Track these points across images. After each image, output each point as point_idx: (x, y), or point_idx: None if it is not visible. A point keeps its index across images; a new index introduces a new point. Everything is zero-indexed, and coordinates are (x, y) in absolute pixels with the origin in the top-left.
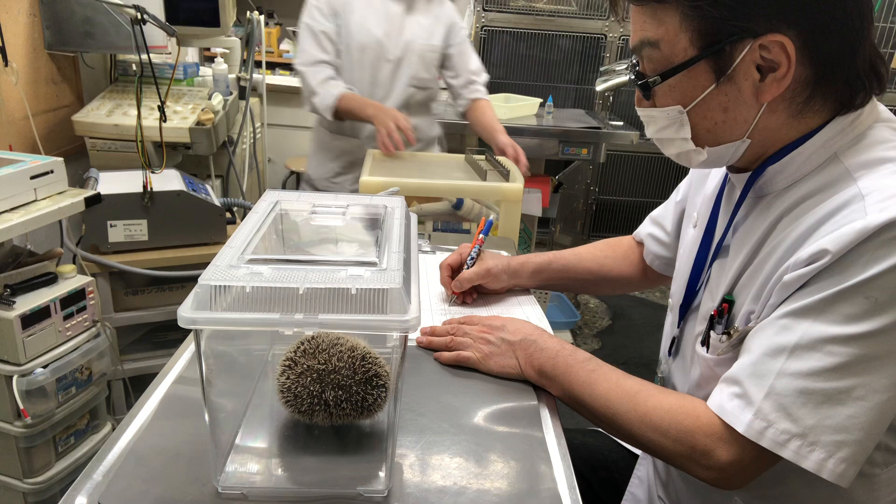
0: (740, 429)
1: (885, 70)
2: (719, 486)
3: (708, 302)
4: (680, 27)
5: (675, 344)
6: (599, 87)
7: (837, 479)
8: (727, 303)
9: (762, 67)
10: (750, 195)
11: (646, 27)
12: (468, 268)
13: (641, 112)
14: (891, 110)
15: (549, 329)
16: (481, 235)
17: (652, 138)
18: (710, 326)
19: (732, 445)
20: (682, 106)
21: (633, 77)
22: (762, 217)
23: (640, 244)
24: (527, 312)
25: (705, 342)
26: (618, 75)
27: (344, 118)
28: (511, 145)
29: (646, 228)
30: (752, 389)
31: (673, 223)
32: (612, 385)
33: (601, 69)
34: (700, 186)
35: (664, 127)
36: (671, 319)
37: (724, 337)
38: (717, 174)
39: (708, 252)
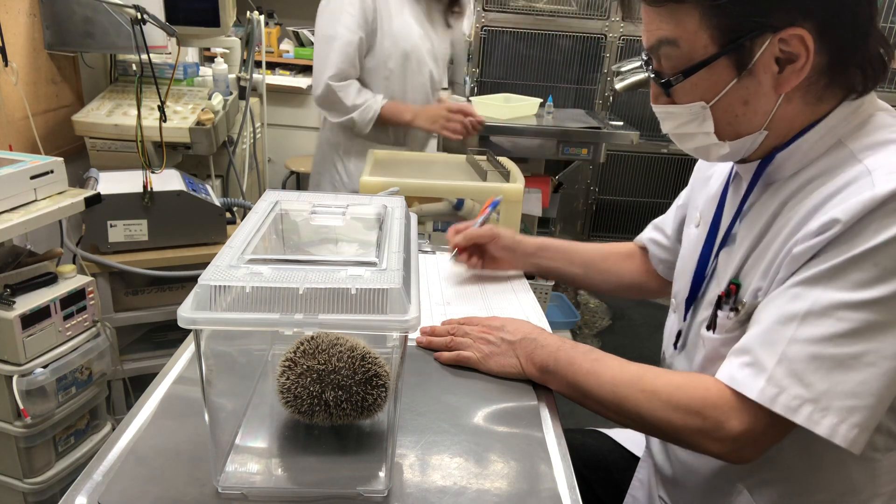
0: (752, 395)
1: (888, 54)
2: (731, 460)
3: (714, 290)
4: (700, 25)
5: (682, 337)
6: (618, 86)
7: (850, 444)
8: (734, 285)
9: (780, 59)
10: (759, 184)
11: (663, 27)
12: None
13: (659, 109)
14: None
15: (548, 328)
16: (489, 208)
17: (669, 133)
18: (717, 308)
19: (744, 415)
20: (704, 101)
21: (653, 76)
22: (769, 202)
23: (643, 249)
24: (526, 312)
25: (711, 326)
26: (633, 74)
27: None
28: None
29: (647, 234)
30: (764, 357)
31: (674, 227)
32: (616, 371)
33: (613, 68)
34: (701, 189)
35: (685, 122)
36: (674, 318)
37: (732, 314)
38: (721, 175)
39: (713, 244)
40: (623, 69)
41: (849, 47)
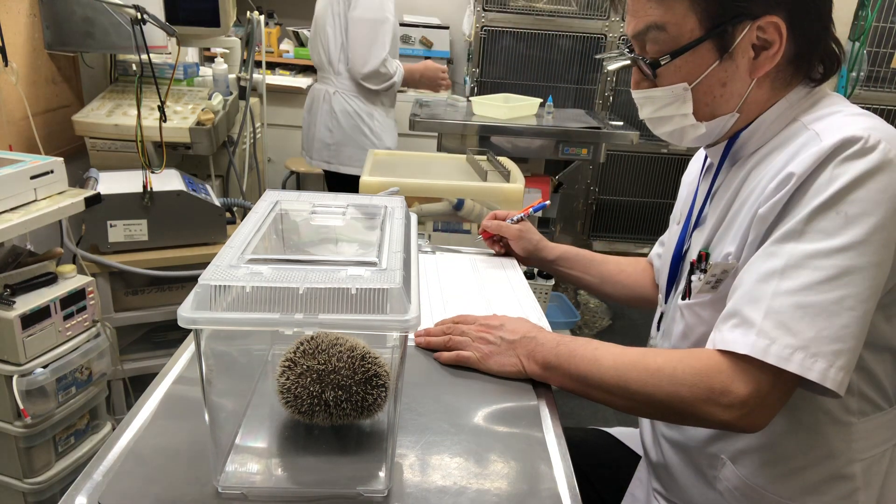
0: (745, 350)
1: (841, 51)
2: (743, 426)
3: (688, 267)
4: (688, 10)
5: (663, 318)
6: (611, 67)
7: (838, 386)
8: (704, 253)
9: (756, 46)
10: (725, 164)
11: (651, 12)
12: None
13: (639, 94)
14: (890, 110)
15: (548, 328)
16: (531, 209)
17: (647, 118)
18: (690, 274)
19: (747, 376)
20: (687, 83)
21: (641, 58)
22: (733, 179)
23: (652, 266)
24: (526, 312)
25: (686, 295)
26: (621, 59)
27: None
28: None
29: (653, 250)
30: (751, 313)
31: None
32: (617, 356)
33: (597, 57)
34: (683, 193)
35: (666, 105)
36: (659, 309)
37: (702, 275)
38: (697, 174)
39: (688, 229)
40: (609, 56)
41: (813, 39)
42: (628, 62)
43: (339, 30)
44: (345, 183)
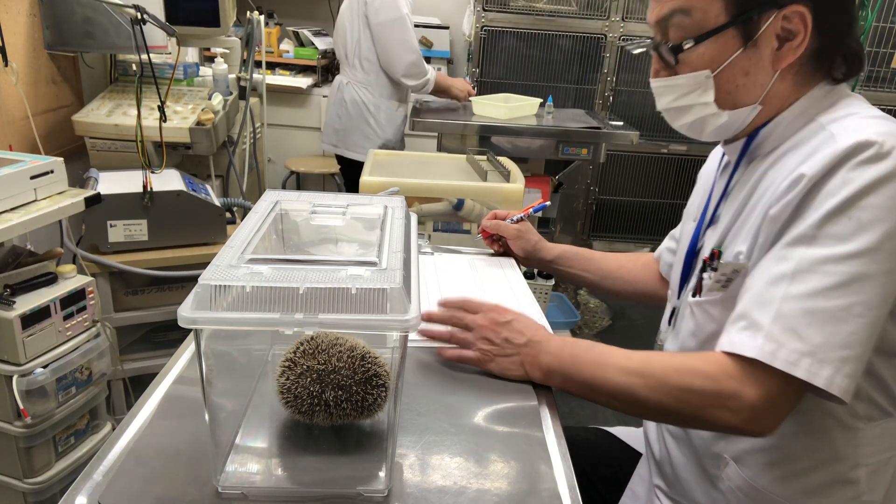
0: (753, 354)
1: (863, 52)
2: (751, 430)
3: (701, 264)
4: None
5: (675, 314)
6: (635, 52)
7: (843, 393)
8: (717, 251)
9: (779, 37)
10: (742, 162)
11: None
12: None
13: (659, 83)
14: (890, 110)
15: (548, 328)
16: (531, 210)
17: (665, 109)
18: (702, 272)
19: (756, 380)
20: (709, 70)
21: (665, 43)
22: (748, 178)
23: (658, 261)
24: (525, 311)
25: (696, 292)
26: (644, 44)
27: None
28: None
29: (663, 244)
30: (760, 317)
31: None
32: (622, 361)
33: (620, 44)
34: (699, 190)
35: (686, 93)
36: (669, 305)
37: (713, 273)
38: (714, 171)
39: (702, 226)
40: (631, 43)
41: (837, 34)
42: (650, 48)
43: (356, 27)
44: (351, 166)
